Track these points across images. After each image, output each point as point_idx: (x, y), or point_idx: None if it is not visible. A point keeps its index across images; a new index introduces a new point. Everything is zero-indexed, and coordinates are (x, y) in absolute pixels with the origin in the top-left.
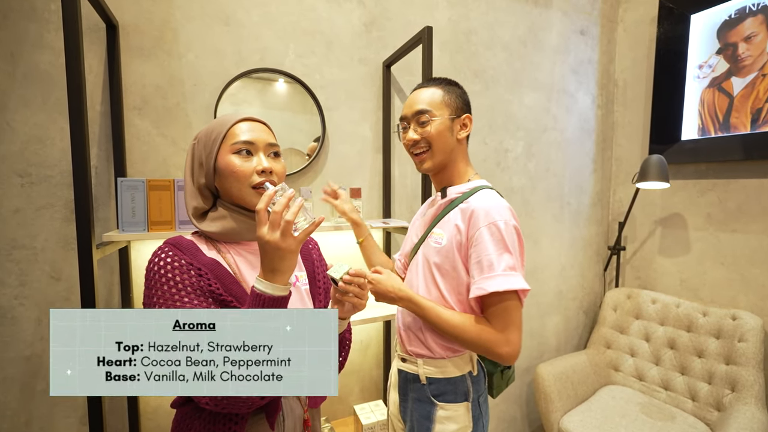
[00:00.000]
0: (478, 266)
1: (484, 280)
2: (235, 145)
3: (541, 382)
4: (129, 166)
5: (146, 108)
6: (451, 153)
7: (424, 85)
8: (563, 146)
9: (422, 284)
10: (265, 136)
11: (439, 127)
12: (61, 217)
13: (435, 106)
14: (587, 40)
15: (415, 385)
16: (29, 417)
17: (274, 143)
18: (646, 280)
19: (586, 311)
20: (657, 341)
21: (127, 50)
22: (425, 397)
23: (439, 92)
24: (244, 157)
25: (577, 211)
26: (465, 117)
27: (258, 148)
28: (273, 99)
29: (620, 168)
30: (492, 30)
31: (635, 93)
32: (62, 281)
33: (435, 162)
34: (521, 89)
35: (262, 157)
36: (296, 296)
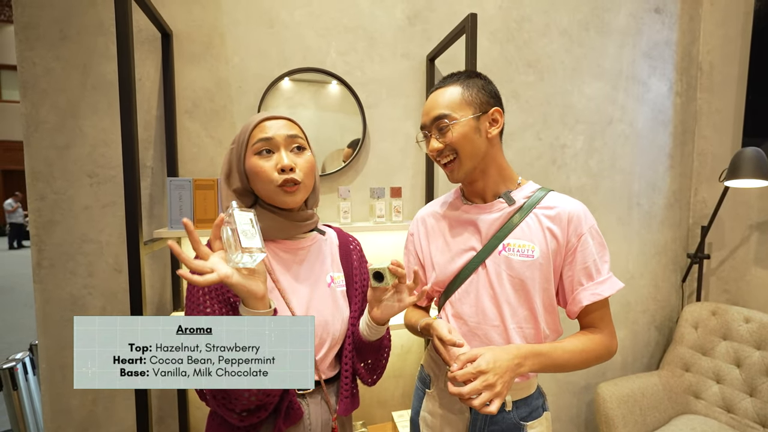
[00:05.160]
0: (585, 272)
1: (597, 285)
2: (256, 145)
3: (603, 403)
4: (180, 166)
5: (196, 111)
6: (485, 156)
7: (441, 85)
8: (632, 140)
9: (505, 307)
10: (284, 130)
11: (463, 130)
12: (123, 214)
13: (454, 107)
14: (664, 19)
15: (497, 417)
16: (96, 396)
17: (294, 135)
18: (736, 294)
19: (659, 327)
20: (752, 368)
21: (180, 57)
22: (511, 424)
23: (458, 90)
24: (265, 157)
25: (649, 213)
26: (494, 111)
27: (278, 144)
28: (323, 101)
29: (704, 164)
30: (548, 15)
31: (724, 77)
32: (123, 273)
33: (466, 170)
34: (582, 78)
35: (283, 154)
36: (331, 298)
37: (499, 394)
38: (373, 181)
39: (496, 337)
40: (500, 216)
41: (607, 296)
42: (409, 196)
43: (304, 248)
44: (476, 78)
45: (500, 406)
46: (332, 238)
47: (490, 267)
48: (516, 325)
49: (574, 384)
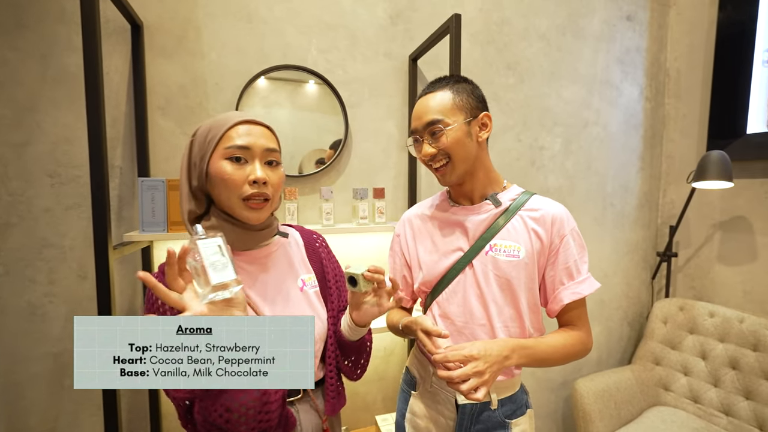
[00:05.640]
0: (566, 271)
1: (577, 285)
2: (229, 150)
3: (580, 399)
4: (153, 165)
5: (169, 108)
6: (476, 159)
7: (429, 90)
8: (606, 143)
9: (492, 306)
10: (263, 141)
11: (456, 135)
12: (88, 216)
13: (446, 112)
14: (635, 26)
15: (482, 416)
16: (58, 413)
17: (273, 149)
18: (701, 291)
19: (631, 323)
20: (715, 360)
21: (150, 50)
22: (497, 422)
23: (448, 95)
24: (236, 165)
25: (622, 213)
26: (483, 116)
27: (254, 155)
28: (302, 100)
29: (672, 166)
30: (527, 19)
31: (690, 83)
32: (89, 280)
33: (458, 173)
34: (559, 81)
35: (257, 166)
36: (305, 302)
37: (486, 382)
38: (356, 182)
39: (483, 336)
40: (487, 217)
41: (586, 295)
42: (392, 197)
43: (269, 255)
44: (464, 83)
45: (486, 394)
46: (296, 238)
47: (477, 267)
48: (502, 324)
49: (552, 381)
